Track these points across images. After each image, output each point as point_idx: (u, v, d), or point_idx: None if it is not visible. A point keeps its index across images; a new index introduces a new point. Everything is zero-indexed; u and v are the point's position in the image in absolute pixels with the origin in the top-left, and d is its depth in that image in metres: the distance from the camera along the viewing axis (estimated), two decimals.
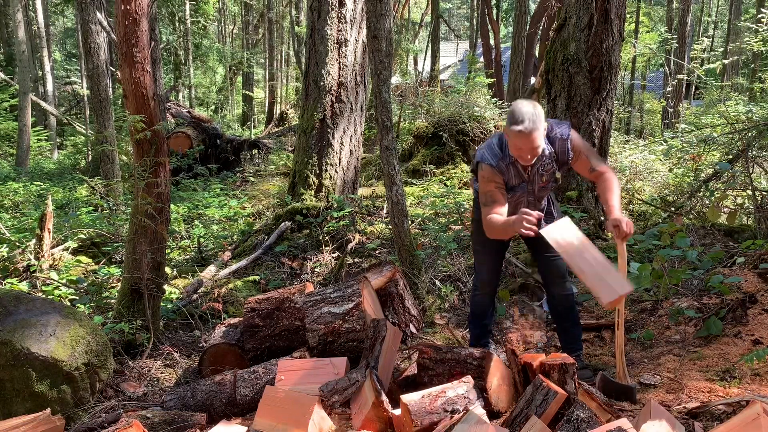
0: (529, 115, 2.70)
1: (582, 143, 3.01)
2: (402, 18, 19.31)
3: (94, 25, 8.17)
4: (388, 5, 4.45)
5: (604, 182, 2.92)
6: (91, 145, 12.82)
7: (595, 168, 2.96)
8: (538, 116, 2.72)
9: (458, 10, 36.69)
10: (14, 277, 5.00)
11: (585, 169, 3.01)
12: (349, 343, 3.40)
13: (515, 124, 2.71)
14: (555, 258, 3.11)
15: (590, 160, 2.98)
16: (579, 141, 3.00)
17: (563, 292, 3.20)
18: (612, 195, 2.86)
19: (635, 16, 17.87)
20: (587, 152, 3.01)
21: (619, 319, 2.84)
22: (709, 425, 2.38)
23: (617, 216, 2.77)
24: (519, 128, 2.68)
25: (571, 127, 3.01)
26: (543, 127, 2.76)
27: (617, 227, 2.73)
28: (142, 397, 3.31)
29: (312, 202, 6.13)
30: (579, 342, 3.29)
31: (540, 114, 2.74)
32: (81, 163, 13.84)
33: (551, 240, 2.68)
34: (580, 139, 3.02)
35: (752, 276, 3.71)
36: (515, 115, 2.72)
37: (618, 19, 5.05)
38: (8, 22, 19.46)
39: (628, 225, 2.72)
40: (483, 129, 8.53)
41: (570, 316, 3.24)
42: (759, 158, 5.45)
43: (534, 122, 2.69)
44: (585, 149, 3.00)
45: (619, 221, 2.73)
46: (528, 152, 2.79)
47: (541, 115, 2.75)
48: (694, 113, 11.87)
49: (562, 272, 3.17)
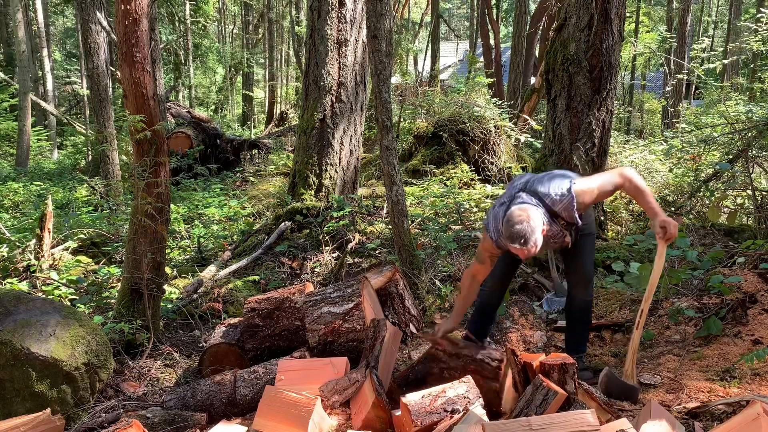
0: (523, 233, 2.68)
1: (588, 186, 2.90)
2: (402, 18, 19.31)
3: (94, 24, 8.17)
4: (388, 5, 4.45)
5: (629, 189, 2.89)
6: (91, 145, 12.82)
7: (615, 187, 2.92)
8: (532, 229, 2.69)
9: (458, 10, 36.68)
10: (14, 277, 5.00)
11: (609, 195, 3.03)
12: (349, 343, 3.40)
13: (509, 240, 2.72)
14: (581, 261, 3.15)
15: (606, 189, 2.92)
16: (584, 189, 2.89)
17: (585, 297, 3.22)
18: (645, 196, 2.85)
19: (635, 16, 17.87)
20: (599, 187, 2.90)
21: (641, 320, 2.85)
22: (709, 425, 2.38)
23: (664, 218, 2.80)
24: (515, 246, 2.70)
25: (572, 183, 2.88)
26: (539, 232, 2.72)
27: (664, 228, 2.77)
28: (142, 397, 3.31)
29: (312, 202, 6.13)
30: (584, 344, 3.32)
31: (534, 225, 2.70)
32: (81, 163, 13.84)
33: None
34: (585, 184, 2.91)
35: (752, 276, 3.71)
36: (510, 233, 2.70)
37: (618, 18, 5.04)
38: (8, 22, 19.46)
39: (675, 227, 2.77)
40: (483, 129, 8.53)
41: (584, 319, 3.26)
42: (759, 158, 5.45)
43: (527, 239, 2.68)
44: (594, 189, 2.90)
45: (667, 223, 2.77)
46: (525, 257, 2.81)
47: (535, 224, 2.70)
48: (694, 113, 11.87)
49: (588, 277, 3.19)
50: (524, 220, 2.70)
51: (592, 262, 3.21)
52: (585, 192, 2.89)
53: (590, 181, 2.96)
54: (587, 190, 2.89)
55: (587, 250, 3.16)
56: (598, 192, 2.91)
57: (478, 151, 8.49)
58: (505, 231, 2.76)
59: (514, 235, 2.70)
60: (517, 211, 2.75)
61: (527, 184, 2.96)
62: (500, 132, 8.73)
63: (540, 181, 2.94)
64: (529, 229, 2.70)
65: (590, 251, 3.19)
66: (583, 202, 2.89)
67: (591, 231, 3.16)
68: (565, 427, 1.97)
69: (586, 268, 3.17)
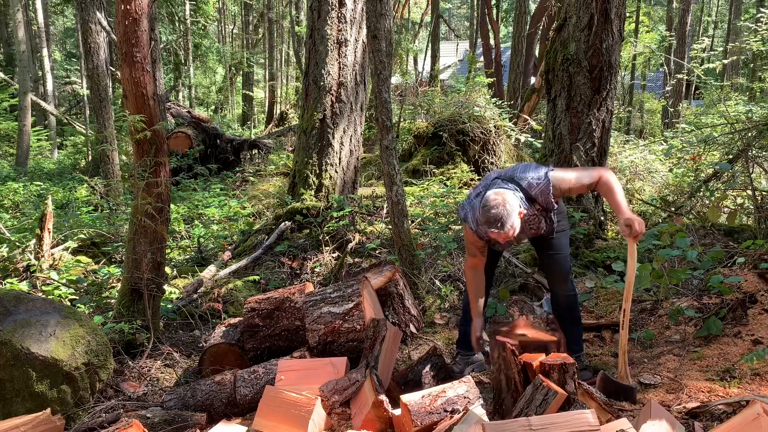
0: (499, 216, 2.70)
1: (564, 176, 2.94)
2: (402, 18, 19.31)
3: (94, 24, 8.17)
4: (388, 5, 4.45)
5: (602, 187, 2.91)
6: (91, 145, 12.82)
7: (591, 183, 2.94)
8: (508, 212, 2.71)
9: (458, 10, 36.68)
10: (14, 277, 5.00)
11: (584, 190, 3.04)
12: (349, 343, 3.40)
13: (487, 225, 2.74)
14: (557, 256, 3.14)
15: (582, 182, 2.94)
16: (561, 178, 2.92)
17: (565, 292, 3.21)
18: (615, 195, 2.85)
19: (635, 16, 17.87)
20: (576, 179, 2.94)
21: (625, 319, 2.85)
22: (709, 425, 2.38)
23: (629, 216, 2.78)
24: (492, 230, 2.73)
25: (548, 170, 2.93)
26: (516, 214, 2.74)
27: (629, 226, 2.75)
28: (142, 397, 3.31)
29: (312, 202, 6.13)
30: (580, 343, 3.30)
31: (510, 208, 2.72)
32: (81, 163, 13.84)
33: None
34: (561, 173, 2.96)
35: (752, 276, 3.72)
36: (487, 217, 2.72)
37: (618, 18, 5.05)
38: (8, 22, 19.47)
39: (640, 225, 2.74)
40: (483, 129, 8.53)
41: (571, 316, 3.24)
42: (759, 158, 5.45)
43: (503, 222, 2.70)
44: (571, 179, 2.94)
45: (631, 221, 2.74)
46: (503, 242, 2.85)
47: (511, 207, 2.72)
48: (694, 113, 11.88)
49: (564, 271, 3.19)
50: (500, 204, 2.72)
51: (567, 257, 3.22)
52: (561, 180, 2.92)
53: (567, 172, 3.00)
54: (564, 179, 2.93)
55: (563, 245, 3.18)
56: (574, 183, 2.94)
57: (478, 151, 8.50)
58: (482, 217, 2.78)
59: (490, 219, 2.73)
60: (492, 195, 2.78)
61: (502, 173, 3.02)
62: (500, 132, 8.73)
63: (515, 169, 3.00)
64: (505, 213, 2.72)
65: (565, 246, 3.21)
66: (559, 188, 2.91)
67: (565, 228, 3.18)
68: (565, 427, 1.97)
69: (561, 263, 3.18)
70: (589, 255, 4.83)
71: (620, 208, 2.82)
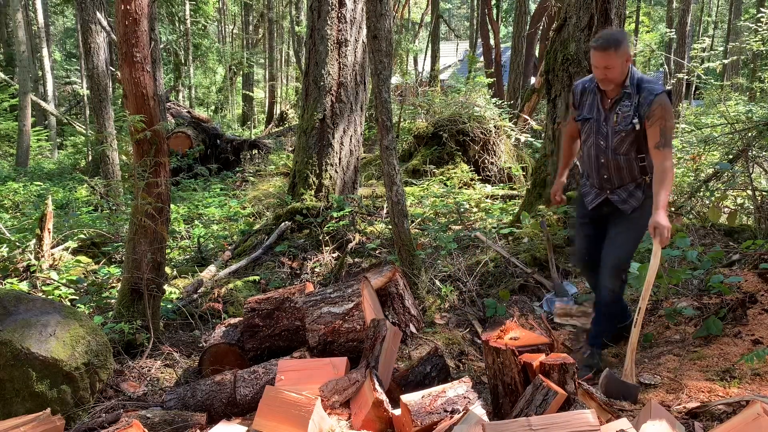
0: (608, 35, 2.92)
1: (664, 114, 2.92)
2: (402, 18, 19.31)
3: (94, 25, 8.17)
4: (388, 5, 4.45)
5: (656, 173, 2.91)
6: (91, 145, 12.82)
7: (658, 147, 2.91)
8: (619, 39, 2.88)
9: (458, 10, 36.68)
10: (14, 277, 5.00)
11: (652, 141, 2.97)
12: (349, 343, 3.40)
13: (593, 41, 2.93)
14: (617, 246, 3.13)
15: (660, 136, 2.91)
16: (662, 109, 2.91)
17: (609, 286, 3.18)
18: (660, 190, 2.85)
19: (635, 16, 17.87)
20: (663, 126, 2.91)
21: (639, 318, 2.86)
22: (709, 425, 2.38)
23: (658, 220, 2.80)
24: (593, 44, 2.90)
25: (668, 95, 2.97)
26: (624, 52, 2.89)
27: (657, 229, 2.79)
28: (142, 397, 3.31)
29: (312, 202, 6.13)
30: (599, 339, 3.27)
31: (622, 38, 2.89)
32: (81, 163, 13.84)
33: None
34: (665, 110, 2.93)
35: (752, 276, 3.71)
36: (602, 35, 2.93)
37: (618, 19, 5.04)
38: (8, 22, 19.46)
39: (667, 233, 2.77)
40: (483, 129, 8.53)
41: (607, 313, 3.23)
42: (759, 158, 5.45)
43: (609, 41, 2.88)
44: (663, 121, 2.91)
45: (660, 227, 2.78)
46: (602, 70, 2.93)
47: (624, 39, 2.90)
48: (694, 113, 11.87)
49: (615, 265, 3.14)
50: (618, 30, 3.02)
51: (627, 252, 3.15)
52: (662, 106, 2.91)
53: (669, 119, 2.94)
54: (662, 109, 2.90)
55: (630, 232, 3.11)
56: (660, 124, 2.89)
57: (478, 151, 8.50)
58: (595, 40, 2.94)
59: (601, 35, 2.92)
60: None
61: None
62: (500, 132, 8.74)
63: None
64: (616, 36, 2.91)
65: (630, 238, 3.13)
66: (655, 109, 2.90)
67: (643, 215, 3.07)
68: (565, 427, 1.97)
69: (616, 254, 3.13)
70: None
71: (659, 204, 2.83)
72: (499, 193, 7.51)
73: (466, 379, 2.69)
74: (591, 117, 3.14)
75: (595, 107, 3.13)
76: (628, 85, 2.99)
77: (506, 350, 2.56)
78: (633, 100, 2.98)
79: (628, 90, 2.99)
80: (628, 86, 2.99)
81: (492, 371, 2.64)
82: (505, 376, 2.57)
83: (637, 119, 2.97)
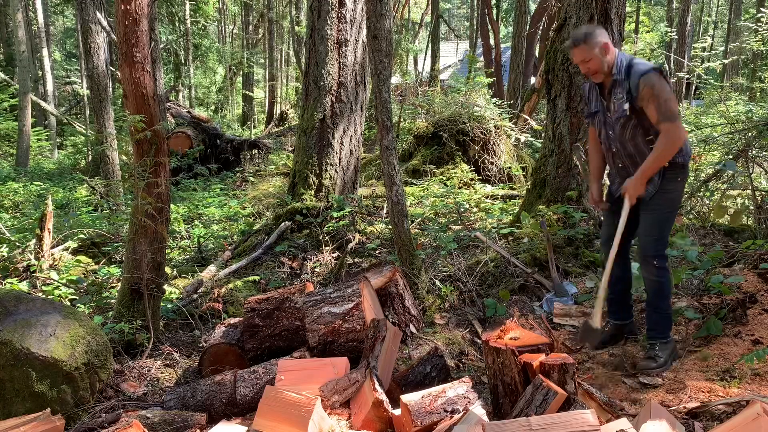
0: (576, 32, 3.08)
1: (653, 91, 2.91)
2: (402, 18, 19.31)
3: (94, 25, 8.17)
4: (388, 5, 4.45)
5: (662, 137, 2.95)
6: (91, 145, 12.82)
7: (659, 123, 2.94)
8: (587, 32, 3.02)
9: (458, 10, 36.68)
10: (14, 277, 5.00)
11: (653, 120, 2.97)
12: (349, 343, 3.40)
13: (571, 42, 3.07)
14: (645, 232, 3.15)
15: (657, 113, 2.92)
16: (651, 87, 2.91)
17: (648, 275, 3.18)
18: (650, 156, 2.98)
19: (635, 16, 17.87)
20: (657, 102, 2.90)
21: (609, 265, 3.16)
22: (709, 425, 2.38)
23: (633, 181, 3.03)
24: (566, 45, 3.07)
25: (660, 72, 2.96)
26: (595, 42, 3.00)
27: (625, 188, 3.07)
28: (142, 397, 3.31)
29: (312, 202, 6.13)
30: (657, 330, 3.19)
31: (590, 31, 3.03)
32: (81, 163, 13.84)
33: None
34: (655, 86, 2.91)
35: (752, 276, 3.71)
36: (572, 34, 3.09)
37: (618, 18, 5.04)
38: (8, 22, 19.47)
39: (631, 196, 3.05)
40: (483, 129, 8.53)
41: (653, 301, 3.20)
42: (759, 158, 5.45)
43: (577, 37, 3.03)
44: (655, 98, 2.91)
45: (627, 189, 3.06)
46: (583, 66, 3.08)
47: (592, 31, 3.03)
48: (694, 113, 11.87)
49: (645, 253, 3.14)
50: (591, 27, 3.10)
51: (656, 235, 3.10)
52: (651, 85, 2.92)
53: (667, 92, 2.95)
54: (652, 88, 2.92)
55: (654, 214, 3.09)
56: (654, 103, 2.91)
57: (478, 151, 8.50)
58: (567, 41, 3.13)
59: (573, 34, 3.07)
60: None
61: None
62: (500, 132, 8.74)
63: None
64: (592, 29, 3.04)
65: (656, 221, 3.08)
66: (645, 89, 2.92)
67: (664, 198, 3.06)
68: (565, 427, 1.97)
69: (644, 240, 3.13)
70: (589, 255, 4.83)
71: (641, 168, 3.00)
72: (499, 193, 7.52)
73: (466, 379, 2.70)
74: (597, 110, 3.25)
75: (598, 101, 3.23)
76: (615, 73, 3.06)
77: (506, 350, 2.56)
78: (624, 86, 3.04)
79: (616, 77, 3.06)
80: (615, 73, 3.06)
81: (492, 371, 2.64)
82: (505, 376, 2.57)
83: (627, 104, 3.02)
